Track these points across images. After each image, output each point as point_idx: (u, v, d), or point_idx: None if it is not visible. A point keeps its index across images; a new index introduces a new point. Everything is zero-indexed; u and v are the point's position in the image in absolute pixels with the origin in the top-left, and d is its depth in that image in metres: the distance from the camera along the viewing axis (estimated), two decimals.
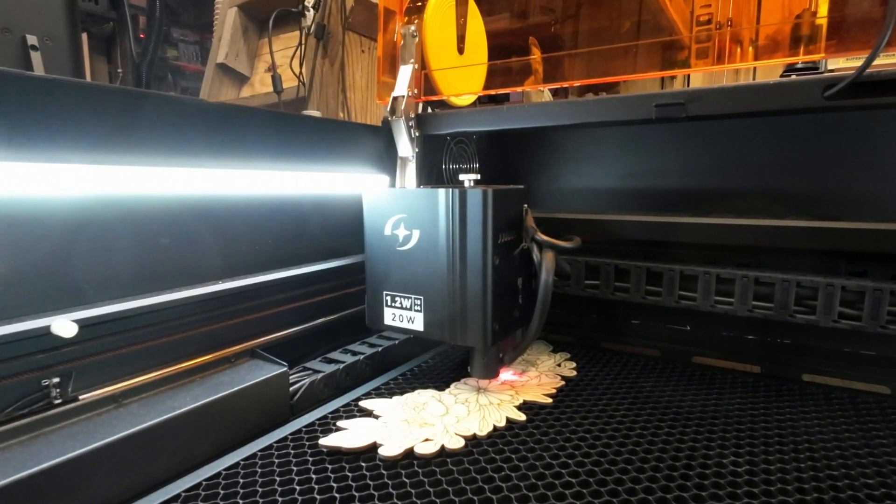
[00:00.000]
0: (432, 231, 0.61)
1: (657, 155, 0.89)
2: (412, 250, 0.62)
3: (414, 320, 0.63)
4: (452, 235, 0.59)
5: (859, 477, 0.47)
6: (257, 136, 0.65)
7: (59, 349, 0.46)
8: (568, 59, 0.88)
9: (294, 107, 1.43)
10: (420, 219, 0.61)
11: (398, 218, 0.63)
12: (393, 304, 0.65)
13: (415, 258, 0.62)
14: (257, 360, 0.61)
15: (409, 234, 0.62)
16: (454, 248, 0.60)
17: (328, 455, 0.50)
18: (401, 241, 0.63)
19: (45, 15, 0.83)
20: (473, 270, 0.59)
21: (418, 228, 0.62)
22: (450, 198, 0.59)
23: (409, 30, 0.79)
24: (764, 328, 0.80)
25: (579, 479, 0.46)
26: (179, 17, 1.99)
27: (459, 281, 0.60)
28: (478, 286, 0.59)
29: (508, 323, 0.64)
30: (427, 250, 0.61)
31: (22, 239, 0.46)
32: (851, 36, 0.59)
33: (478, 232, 0.58)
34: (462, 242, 0.59)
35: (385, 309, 0.66)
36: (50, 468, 0.39)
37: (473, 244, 0.59)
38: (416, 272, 0.62)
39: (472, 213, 0.58)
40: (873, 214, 0.73)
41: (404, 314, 0.64)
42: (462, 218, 0.59)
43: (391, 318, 0.65)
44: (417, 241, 0.62)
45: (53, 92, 0.46)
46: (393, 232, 0.63)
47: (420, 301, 0.63)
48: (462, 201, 0.59)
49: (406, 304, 0.64)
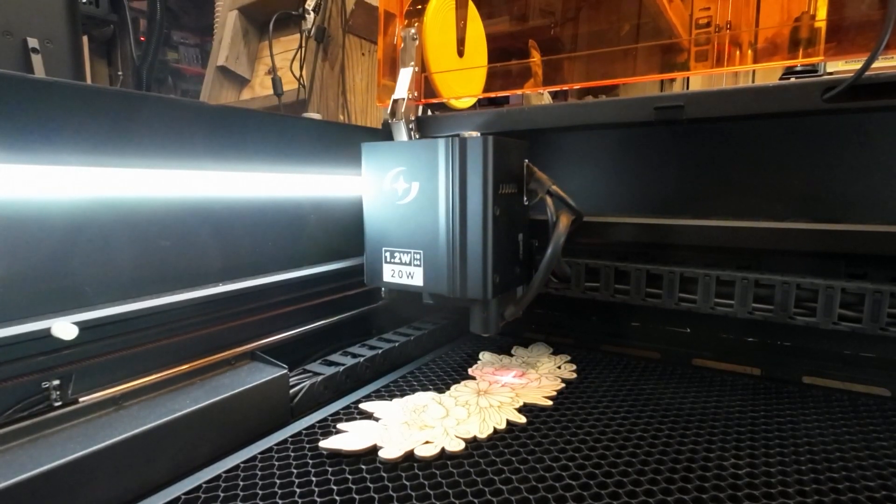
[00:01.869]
0: (432, 182, 0.59)
1: (656, 156, 0.89)
2: (411, 203, 0.61)
3: (413, 275, 0.62)
4: (452, 185, 0.58)
5: (860, 479, 0.47)
6: (257, 138, 0.65)
7: (60, 351, 0.46)
8: (567, 62, 0.89)
9: (294, 109, 1.44)
10: (420, 171, 0.60)
11: (397, 171, 0.62)
12: (392, 260, 0.64)
13: (414, 211, 0.61)
14: (257, 363, 0.61)
15: (409, 186, 0.61)
16: (454, 198, 0.58)
17: (328, 457, 0.50)
18: (400, 194, 0.62)
19: (46, 18, 0.83)
20: (473, 221, 0.58)
21: (418, 181, 0.60)
22: (450, 146, 0.58)
23: (409, 33, 0.79)
24: (764, 330, 0.80)
25: (580, 482, 0.46)
26: (180, 20, 1.99)
27: (459, 232, 0.58)
28: (478, 237, 0.58)
29: (509, 277, 0.62)
30: (427, 202, 0.60)
31: (22, 241, 0.46)
32: (850, 39, 0.59)
33: (478, 181, 0.57)
34: (462, 192, 0.58)
35: (384, 266, 0.64)
36: (50, 471, 0.39)
37: (474, 193, 0.58)
38: (415, 226, 0.61)
39: (472, 161, 0.57)
40: (873, 216, 0.73)
41: (403, 269, 0.63)
42: (462, 167, 0.58)
43: (390, 274, 0.64)
44: (417, 193, 0.61)
45: (54, 94, 0.46)
46: (392, 186, 0.62)
47: (420, 255, 0.62)
48: (462, 149, 0.57)
49: (405, 260, 0.63)
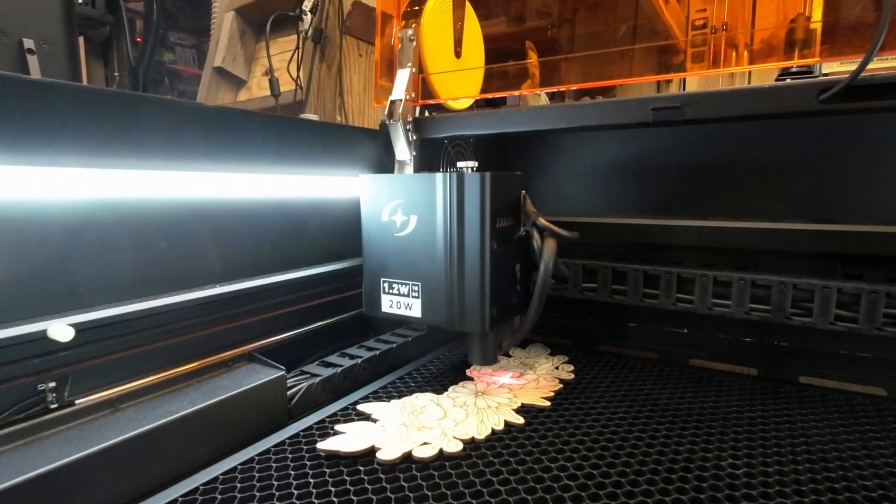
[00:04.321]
0: (430, 216, 0.60)
1: (656, 157, 0.89)
2: (410, 236, 0.62)
3: (412, 307, 0.63)
4: (450, 220, 0.59)
5: (856, 479, 0.47)
6: (255, 139, 0.65)
7: (56, 353, 0.46)
8: (564, 63, 0.89)
9: (291, 110, 1.44)
10: (417, 204, 0.61)
11: (395, 203, 0.62)
12: (391, 290, 0.64)
13: (412, 244, 0.62)
14: (255, 364, 0.61)
15: (407, 219, 0.62)
16: (452, 232, 0.59)
17: (326, 459, 0.50)
18: (398, 226, 0.62)
19: (42, 18, 0.83)
20: (471, 255, 0.58)
21: (416, 214, 0.61)
22: (447, 182, 0.59)
23: (406, 34, 0.79)
24: (761, 330, 0.80)
25: (577, 482, 0.46)
26: (177, 21, 1.99)
27: (457, 265, 0.59)
28: (476, 270, 0.58)
29: (506, 308, 0.63)
30: (425, 235, 0.61)
31: (18, 242, 0.46)
32: (846, 40, 0.59)
33: (476, 215, 0.58)
34: (460, 227, 0.59)
35: (382, 296, 0.65)
36: (46, 473, 0.39)
37: (471, 228, 0.58)
38: (413, 258, 0.62)
39: (469, 197, 0.58)
40: (869, 217, 0.73)
41: (402, 301, 0.63)
42: (460, 202, 0.58)
43: (389, 305, 0.65)
44: (415, 226, 0.61)
45: (50, 95, 0.46)
46: (390, 218, 0.63)
47: (418, 287, 0.62)
48: (460, 185, 0.58)
49: (404, 291, 0.63)
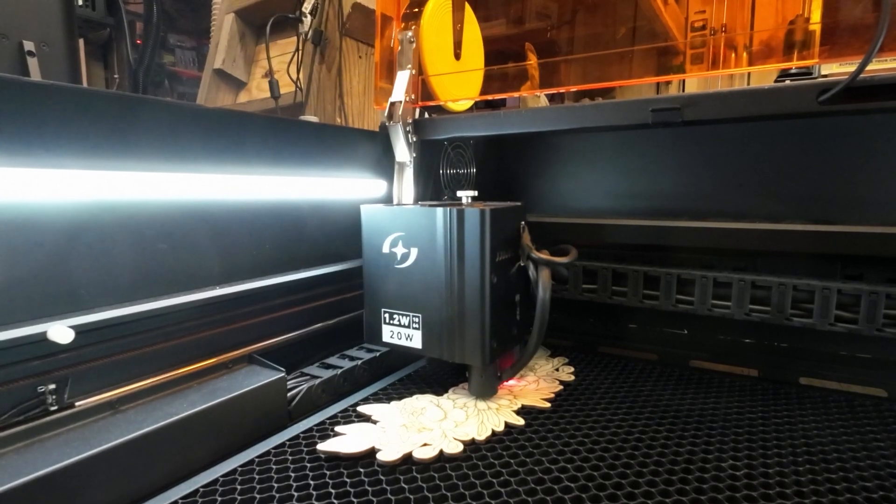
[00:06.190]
0: (430, 249, 0.61)
1: (655, 157, 0.90)
2: (410, 268, 0.62)
3: (412, 338, 0.63)
4: (450, 254, 0.59)
5: (857, 479, 0.47)
6: (255, 141, 0.65)
7: (56, 355, 0.46)
8: (564, 65, 0.89)
9: (291, 112, 1.44)
10: (418, 237, 0.61)
11: (396, 236, 0.63)
12: (391, 321, 0.65)
13: (413, 276, 0.62)
14: (255, 366, 0.61)
15: (408, 251, 0.62)
16: (452, 266, 0.60)
17: (326, 461, 0.50)
18: (399, 258, 0.63)
19: (42, 21, 0.83)
20: (471, 289, 0.59)
21: (416, 247, 0.62)
22: (447, 217, 0.59)
23: (406, 35, 0.79)
24: (761, 332, 0.80)
25: (578, 484, 0.46)
26: (176, 23, 1.99)
27: (458, 299, 0.60)
28: (476, 304, 0.59)
29: (506, 340, 0.64)
30: (425, 268, 0.61)
31: (18, 244, 0.46)
32: (844, 41, 0.59)
33: (476, 251, 0.58)
34: (460, 261, 0.59)
35: (383, 326, 0.66)
36: (46, 475, 0.39)
37: (471, 263, 0.59)
38: (414, 290, 0.62)
39: (469, 232, 0.58)
40: (869, 217, 0.73)
41: (402, 331, 0.64)
42: (460, 237, 0.59)
43: (389, 335, 0.65)
44: (416, 259, 0.62)
45: (50, 97, 0.46)
46: (391, 250, 0.63)
47: (418, 319, 0.63)
48: (460, 220, 0.59)
49: (404, 322, 0.64)
